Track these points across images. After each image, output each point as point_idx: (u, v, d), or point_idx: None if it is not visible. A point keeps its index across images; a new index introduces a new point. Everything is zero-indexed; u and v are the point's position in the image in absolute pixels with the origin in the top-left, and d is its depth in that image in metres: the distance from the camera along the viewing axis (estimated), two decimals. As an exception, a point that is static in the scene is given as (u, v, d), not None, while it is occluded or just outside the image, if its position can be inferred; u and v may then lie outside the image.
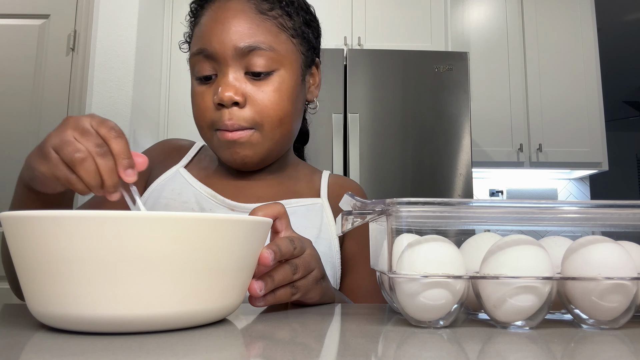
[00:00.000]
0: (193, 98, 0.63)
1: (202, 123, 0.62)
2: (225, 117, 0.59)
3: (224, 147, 0.61)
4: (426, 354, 0.28)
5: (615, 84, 4.53)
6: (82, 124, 0.41)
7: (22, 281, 0.32)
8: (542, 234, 0.41)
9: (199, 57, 0.60)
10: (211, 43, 0.59)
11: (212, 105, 0.60)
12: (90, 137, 0.40)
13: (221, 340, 0.30)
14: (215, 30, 0.59)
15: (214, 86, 0.60)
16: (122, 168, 0.40)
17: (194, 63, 0.61)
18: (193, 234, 0.30)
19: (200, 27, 0.62)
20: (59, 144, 0.41)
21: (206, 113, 0.61)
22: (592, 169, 2.70)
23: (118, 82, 2.04)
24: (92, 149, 0.40)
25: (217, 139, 0.61)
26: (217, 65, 0.59)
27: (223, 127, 0.59)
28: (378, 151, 2.02)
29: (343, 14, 2.42)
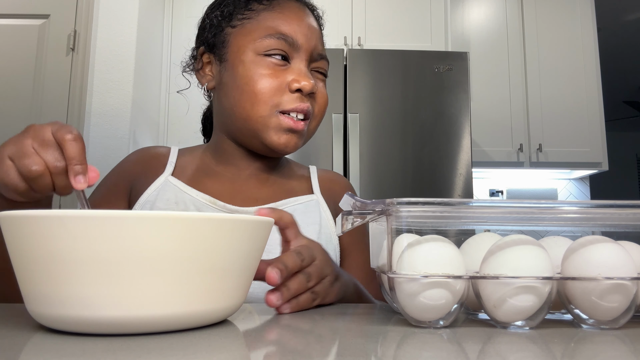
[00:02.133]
0: (259, 73, 0.61)
1: (267, 98, 0.61)
2: (298, 101, 0.62)
3: (280, 131, 0.62)
4: (426, 354, 0.28)
5: (615, 84, 4.53)
6: (42, 134, 0.40)
7: (21, 282, 0.31)
8: (542, 234, 0.41)
9: (281, 42, 0.62)
10: (297, 36, 0.63)
11: (283, 87, 0.62)
12: (50, 149, 0.39)
13: (221, 340, 0.30)
14: (301, 26, 0.64)
15: (287, 71, 0.62)
16: (72, 174, 0.40)
17: (271, 44, 0.62)
18: (195, 234, 0.30)
19: (277, 15, 0.64)
20: (16, 153, 0.40)
21: (276, 92, 0.61)
22: (592, 169, 2.70)
23: (118, 82, 2.04)
24: (50, 163, 0.39)
25: (278, 120, 0.62)
26: (296, 55, 0.63)
27: (289, 110, 0.62)
28: (378, 151, 2.02)
29: (343, 14, 2.42)
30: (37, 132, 0.40)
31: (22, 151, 0.39)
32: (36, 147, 0.39)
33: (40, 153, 0.39)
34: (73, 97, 2.05)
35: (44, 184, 0.39)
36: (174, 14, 2.44)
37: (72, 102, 2.05)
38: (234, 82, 0.63)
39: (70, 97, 2.06)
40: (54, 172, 0.39)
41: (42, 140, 0.40)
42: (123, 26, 2.06)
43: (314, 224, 0.66)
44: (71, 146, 0.39)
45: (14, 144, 0.40)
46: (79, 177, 0.40)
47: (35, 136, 0.40)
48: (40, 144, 0.39)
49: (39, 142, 0.40)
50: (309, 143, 0.82)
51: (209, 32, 0.67)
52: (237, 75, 0.62)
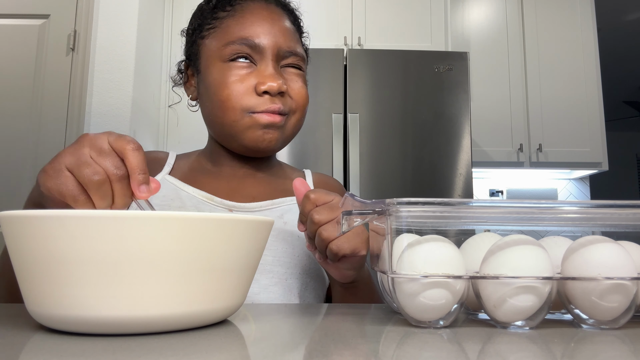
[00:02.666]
0: (225, 80, 0.62)
1: (236, 104, 0.61)
2: (268, 103, 0.62)
3: (255, 129, 0.62)
4: (426, 354, 0.28)
5: (615, 84, 4.53)
6: (99, 143, 0.39)
7: (21, 282, 0.31)
8: (542, 234, 0.41)
9: (242, 46, 0.63)
10: (258, 36, 0.63)
11: (250, 90, 0.62)
12: (108, 158, 0.39)
13: (221, 340, 0.30)
14: (263, 27, 0.64)
15: (253, 74, 0.63)
16: (136, 183, 0.39)
17: (233, 50, 0.63)
18: (196, 234, 0.30)
19: (239, 20, 0.64)
20: (75, 163, 0.39)
21: (243, 96, 0.62)
22: (592, 169, 2.70)
23: (118, 82, 2.04)
24: (110, 171, 0.38)
25: (251, 120, 0.62)
26: (260, 57, 0.63)
27: (262, 112, 0.62)
28: (378, 151, 2.02)
29: (343, 14, 2.42)
30: (93, 142, 0.39)
31: (81, 161, 0.38)
32: (94, 156, 0.39)
33: (100, 162, 0.39)
34: (73, 97, 2.05)
35: (105, 193, 0.38)
36: (174, 14, 2.44)
37: (72, 102, 2.05)
38: (206, 92, 0.64)
39: (70, 97, 2.05)
40: (114, 180, 0.39)
41: (100, 149, 0.39)
42: (123, 26, 2.06)
43: None
44: (133, 156, 0.39)
45: (70, 154, 0.39)
46: (142, 186, 0.39)
47: (93, 145, 0.39)
48: (99, 152, 0.39)
49: (96, 151, 0.39)
50: (309, 143, 0.82)
51: (186, 45, 0.70)
52: (208, 84, 0.64)
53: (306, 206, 0.48)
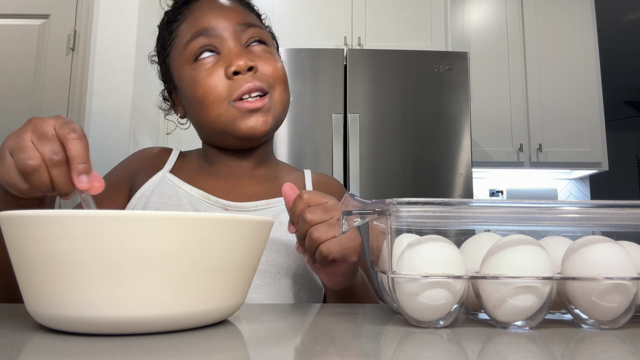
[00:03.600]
0: (196, 79, 0.62)
1: (214, 98, 0.61)
2: (242, 82, 0.60)
3: (244, 117, 0.61)
4: (426, 354, 0.28)
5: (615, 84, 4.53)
6: (43, 127, 0.38)
7: (21, 283, 0.31)
8: (542, 234, 0.41)
9: (199, 39, 0.62)
10: (211, 23, 0.63)
11: (222, 78, 0.61)
12: (48, 143, 0.37)
13: (221, 340, 0.30)
14: (213, 14, 0.64)
15: (220, 62, 0.62)
16: (75, 173, 0.38)
17: (193, 47, 0.62)
18: (195, 234, 0.30)
19: (189, 20, 0.64)
20: (14, 147, 0.38)
21: (218, 87, 0.61)
22: (592, 169, 2.70)
23: (118, 82, 2.04)
24: (47, 156, 0.37)
25: (235, 110, 0.61)
26: (220, 42, 0.63)
27: (240, 96, 0.60)
28: (378, 151, 2.02)
29: (343, 14, 2.42)
30: (36, 126, 0.38)
31: (19, 145, 0.37)
32: (35, 140, 0.38)
33: (38, 147, 0.37)
34: (73, 97, 2.05)
35: (41, 181, 0.37)
36: (174, 14, 2.44)
37: (72, 102, 2.05)
38: (186, 100, 0.65)
39: (70, 97, 2.06)
40: (51, 166, 0.37)
41: (41, 134, 0.38)
42: (123, 26, 2.06)
43: None
44: (74, 144, 0.37)
45: (13, 138, 0.38)
46: (82, 176, 0.38)
47: (35, 129, 0.38)
48: (39, 137, 0.38)
49: (37, 136, 0.38)
50: (309, 143, 0.82)
51: (160, 71, 0.71)
52: (185, 92, 0.64)
53: (298, 206, 0.47)
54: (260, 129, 0.62)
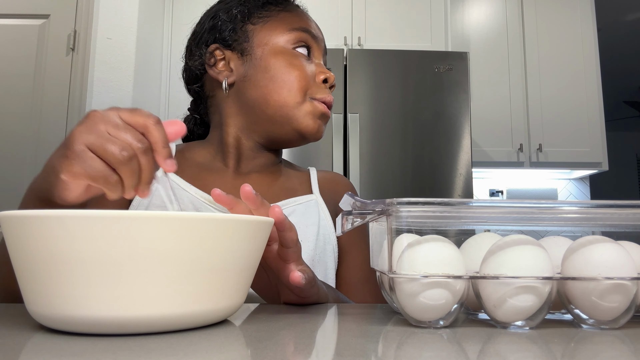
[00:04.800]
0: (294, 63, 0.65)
1: (302, 87, 0.65)
2: (327, 92, 0.67)
3: (314, 116, 0.65)
4: (426, 354, 0.28)
5: (615, 84, 4.53)
6: (112, 119, 0.37)
7: (21, 283, 0.31)
8: (542, 234, 0.41)
9: (305, 34, 0.68)
10: (316, 31, 0.70)
11: (312, 77, 0.67)
12: (128, 132, 0.36)
13: (221, 340, 0.30)
14: (314, 26, 0.71)
15: (314, 65, 0.68)
16: (162, 157, 0.37)
17: (300, 36, 0.67)
18: (195, 234, 0.30)
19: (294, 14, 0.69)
20: (95, 141, 0.35)
21: (307, 81, 0.66)
22: (592, 169, 2.70)
23: (118, 82, 2.04)
24: (135, 145, 0.36)
25: (313, 106, 0.65)
26: (316, 48, 0.69)
27: (322, 100, 0.66)
28: (378, 151, 2.02)
29: (343, 14, 2.42)
30: (106, 118, 0.37)
31: (103, 138, 0.35)
32: (112, 132, 0.36)
33: (120, 137, 0.36)
34: (73, 97, 2.05)
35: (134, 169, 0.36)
36: (174, 14, 2.44)
37: (72, 102, 2.05)
38: (264, 73, 0.65)
39: (70, 97, 2.06)
40: (141, 154, 0.36)
41: (115, 125, 0.36)
42: (123, 26, 2.06)
43: (313, 225, 0.66)
44: (157, 129, 0.37)
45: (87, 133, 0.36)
46: (168, 160, 0.37)
47: (107, 122, 0.36)
48: (116, 128, 0.36)
49: (113, 127, 0.36)
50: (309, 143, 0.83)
51: (223, 30, 0.68)
52: (269, 65, 0.65)
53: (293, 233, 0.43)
54: (320, 134, 0.67)
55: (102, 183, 0.36)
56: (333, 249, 0.67)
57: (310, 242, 0.64)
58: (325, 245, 0.66)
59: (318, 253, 0.65)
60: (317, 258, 0.64)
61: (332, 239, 0.68)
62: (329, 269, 0.66)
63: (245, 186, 0.43)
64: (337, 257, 0.68)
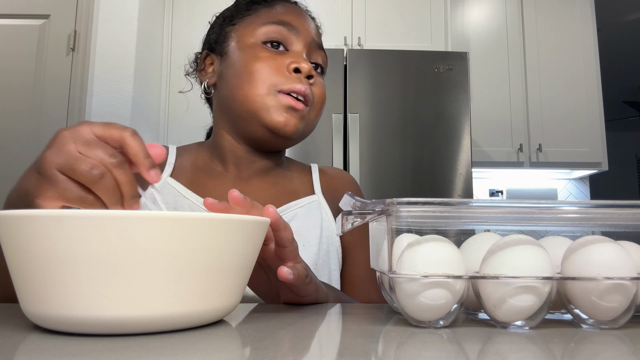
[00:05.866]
0: (257, 56, 0.63)
1: (264, 78, 0.61)
2: (296, 81, 0.62)
3: (281, 110, 0.61)
4: (426, 354, 0.28)
5: (615, 84, 4.53)
6: (82, 135, 0.35)
7: (17, 283, 0.31)
8: (542, 234, 0.41)
9: (280, 27, 0.64)
10: (295, 22, 0.65)
11: (281, 68, 0.62)
12: (99, 148, 0.35)
13: (221, 340, 0.30)
14: (299, 18, 0.67)
15: (285, 55, 0.63)
16: (144, 169, 0.36)
17: (270, 31, 0.64)
18: (193, 234, 0.30)
19: (275, 9, 0.67)
20: (65, 162, 0.34)
21: (274, 72, 0.62)
22: (592, 169, 2.70)
23: (118, 82, 2.04)
24: (106, 161, 0.34)
25: (278, 99, 0.61)
26: (296, 42, 0.65)
27: (290, 91, 0.62)
28: (378, 151, 2.02)
29: (343, 14, 2.42)
30: (75, 136, 0.35)
31: (72, 158, 0.34)
32: (83, 150, 0.35)
33: (91, 155, 0.35)
34: (73, 97, 2.05)
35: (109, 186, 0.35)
36: (174, 14, 2.44)
37: (72, 102, 2.05)
38: (233, 69, 0.64)
39: (70, 97, 2.06)
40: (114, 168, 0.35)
41: (85, 142, 0.35)
42: (123, 26, 2.06)
43: (315, 227, 0.65)
44: (134, 141, 0.36)
45: (56, 155, 0.35)
46: (152, 171, 0.36)
47: (76, 140, 0.35)
48: (86, 145, 0.35)
49: (83, 144, 0.35)
50: (309, 143, 0.83)
51: (211, 35, 0.70)
52: (235, 61, 0.64)
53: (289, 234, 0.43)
54: (289, 129, 0.62)
55: (79, 205, 0.35)
56: (337, 250, 0.67)
57: (313, 245, 0.64)
58: (328, 247, 0.66)
59: (321, 257, 0.64)
60: (320, 262, 0.64)
61: (336, 240, 0.67)
62: (333, 271, 0.66)
63: (233, 192, 0.42)
64: (341, 258, 0.68)
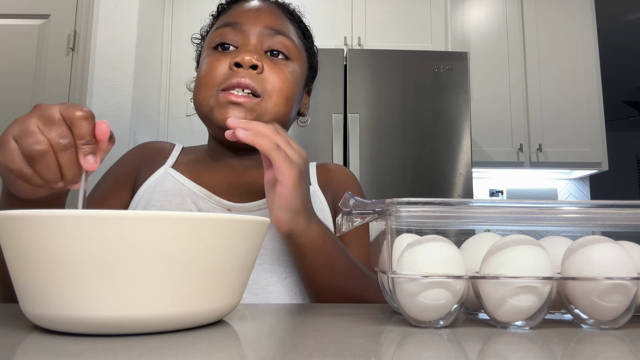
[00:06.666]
0: (204, 62, 0.63)
1: (208, 81, 0.61)
2: (238, 75, 0.59)
3: (222, 108, 0.59)
4: (426, 354, 0.28)
5: (615, 84, 4.53)
6: (49, 112, 0.37)
7: (17, 283, 0.31)
8: (542, 234, 0.41)
9: (224, 29, 0.63)
10: (242, 17, 0.63)
11: (225, 69, 0.60)
12: (55, 127, 0.36)
13: (221, 340, 0.30)
14: (248, 11, 0.64)
15: (231, 54, 0.62)
16: (82, 154, 0.37)
17: (215, 35, 0.64)
18: (193, 235, 0.30)
19: (231, 11, 0.66)
20: (19, 133, 0.36)
21: (216, 74, 0.61)
22: (592, 169, 2.70)
23: (118, 82, 2.04)
24: (54, 140, 0.36)
25: (217, 98, 0.60)
26: (242, 38, 0.63)
27: (230, 87, 0.59)
28: (378, 151, 2.02)
29: (343, 14, 2.42)
30: (42, 111, 0.37)
31: (25, 130, 0.36)
32: (40, 125, 0.36)
33: (44, 131, 0.36)
34: (73, 97, 2.05)
35: (48, 166, 0.36)
36: (174, 14, 2.44)
37: (72, 102, 2.05)
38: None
39: (70, 97, 2.05)
40: (58, 150, 0.36)
41: (48, 118, 0.36)
42: (123, 26, 2.06)
43: None
44: (80, 124, 0.36)
45: (18, 124, 0.37)
46: (89, 157, 0.37)
47: (41, 115, 0.37)
48: (45, 122, 0.36)
49: (43, 121, 0.36)
50: (309, 142, 0.83)
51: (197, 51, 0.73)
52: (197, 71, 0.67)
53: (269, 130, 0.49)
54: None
55: (18, 174, 0.36)
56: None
57: None
58: None
59: None
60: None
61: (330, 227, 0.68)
62: None
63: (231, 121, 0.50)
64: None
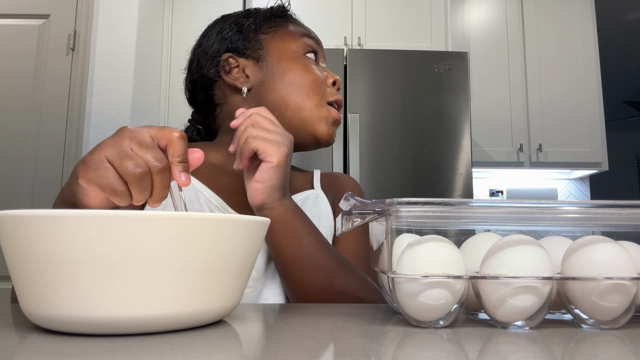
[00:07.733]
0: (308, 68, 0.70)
1: (318, 90, 0.68)
2: (337, 94, 0.71)
3: (329, 122, 0.69)
4: (426, 354, 0.28)
5: (615, 84, 4.53)
6: (140, 136, 0.39)
7: (17, 283, 0.31)
8: (542, 234, 0.41)
9: (311, 40, 0.72)
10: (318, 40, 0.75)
11: (324, 81, 0.70)
12: (150, 150, 0.39)
13: (221, 340, 0.30)
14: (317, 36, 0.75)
15: (321, 68, 0.72)
16: (177, 171, 0.39)
17: (309, 42, 0.72)
18: (193, 235, 0.30)
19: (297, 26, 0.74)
20: (116, 155, 0.38)
21: (321, 84, 0.69)
22: (592, 169, 2.70)
23: (118, 82, 2.04)
24: (151, 164, 0.38)
25: (328, 111, 0.69)
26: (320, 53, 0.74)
27: (334, 101, 0.70)
28: (378, 151, 2.02)
29: (343, 14, 2.42)
30: (134, 134, 0.39)
31: (122, 153, 0.38)
32: (135, 148, 0.39)
33: (141, 155, 0.38)
34: (73, 97, 2.05)
35: (145, 186, 0.38)
36: (174, 14, 2.44)
37: (72, 102, 2.05)
38: (282, 77, 0.68)
39: (70, 97, 2.05)
40: (155, 173, 0.38)
41: (141, 142, 0.39)
42: (123, 26, 2.06)
43: (313, 218, 0.67)
44: (178, 144, 0.39)
45: (111, 146, 0.39)
46: (183, 174, 0.39)
47: (134, 138, 0.39)
48: (140, 145, 0.39)
49: (137, 144, 0.39)
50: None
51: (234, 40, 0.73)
52: (286, 70, 0.69)
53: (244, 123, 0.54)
54: (332, 140, 0.70)
55: (110, 192, 0.38)
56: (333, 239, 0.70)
57: None
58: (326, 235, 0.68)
59: None
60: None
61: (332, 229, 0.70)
62: None
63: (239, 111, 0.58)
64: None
